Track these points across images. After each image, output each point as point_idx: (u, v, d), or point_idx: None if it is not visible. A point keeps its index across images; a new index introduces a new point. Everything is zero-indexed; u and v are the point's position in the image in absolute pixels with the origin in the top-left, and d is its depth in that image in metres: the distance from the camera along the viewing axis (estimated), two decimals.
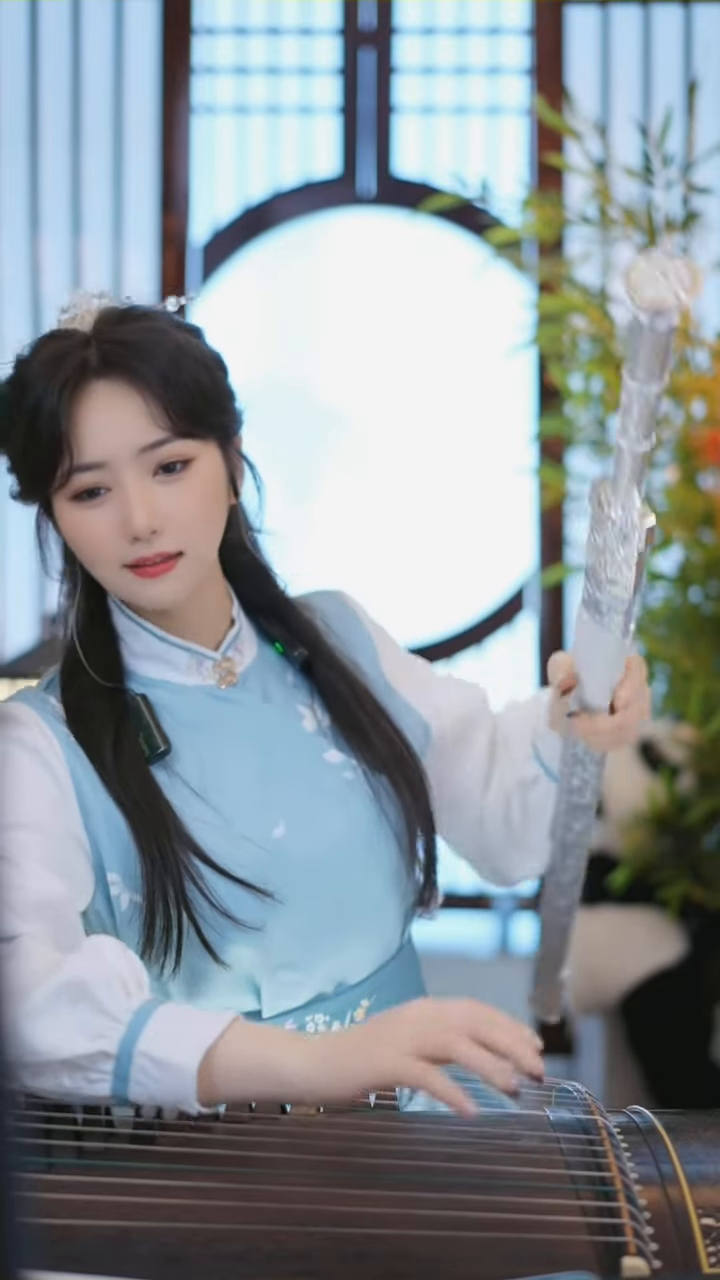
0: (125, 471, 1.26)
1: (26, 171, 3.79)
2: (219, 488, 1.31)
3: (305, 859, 1.31)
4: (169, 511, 1.27)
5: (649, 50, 3.72)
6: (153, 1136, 1.11)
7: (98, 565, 1.29)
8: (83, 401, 1.25)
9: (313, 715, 1.39)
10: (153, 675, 1.36)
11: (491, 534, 3.99)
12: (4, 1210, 0.61)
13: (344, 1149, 1.07)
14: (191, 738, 1.33)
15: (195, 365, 1.28)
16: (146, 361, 1.25)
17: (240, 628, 1.39)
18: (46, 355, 1.27)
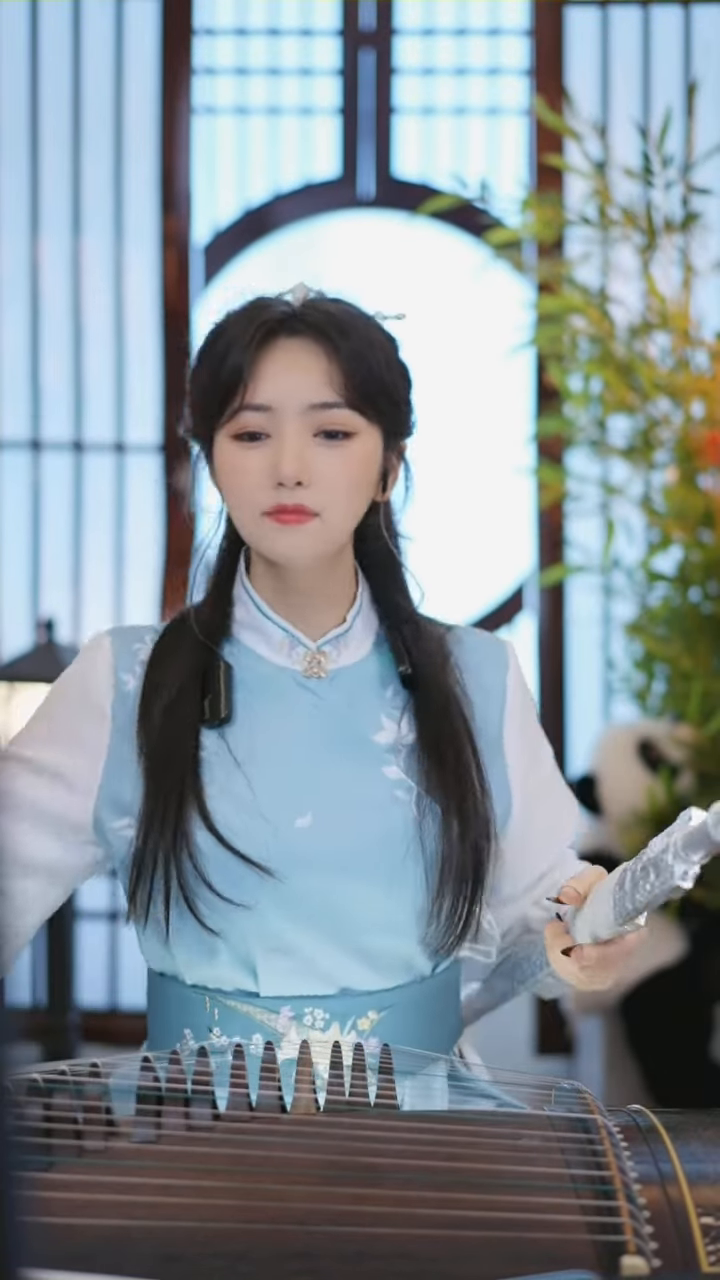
0: (289, 421, 1.32)
1: (26, 171, 3.79)
2: (370, 472, 1.37)
3: (321, 853, 1.33)
4: (318, 471, 1.32)
5: (649, 51, 3.72)
6: (153, 1136, 1.11)
7: (240, 506, 1.35)
8: (271, 351, 1.33)
9: (396, 728, 1.40)
10: (249, 645, 1.41)
11: (490, 534, 3.99)
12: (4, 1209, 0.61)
13: (344, 1148, 1.07)
14: (256, 711, 1.38)
15: (382, 358, 1.36)
16: (340, 333, 1.34)
17: (350, 628, 1.42)
18: (250, 307, 1.37)
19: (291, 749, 1.37)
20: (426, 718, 1.40)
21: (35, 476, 3.75)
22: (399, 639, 1.43)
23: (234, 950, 1.33)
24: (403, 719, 1.41)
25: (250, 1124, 1.12)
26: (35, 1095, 1.14)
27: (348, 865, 1.33)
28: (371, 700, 1.41)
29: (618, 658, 3.44)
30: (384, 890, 1.34)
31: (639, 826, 2.99)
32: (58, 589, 3.81)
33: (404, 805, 1.36)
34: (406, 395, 1.40)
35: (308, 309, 1.35)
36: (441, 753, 1.38)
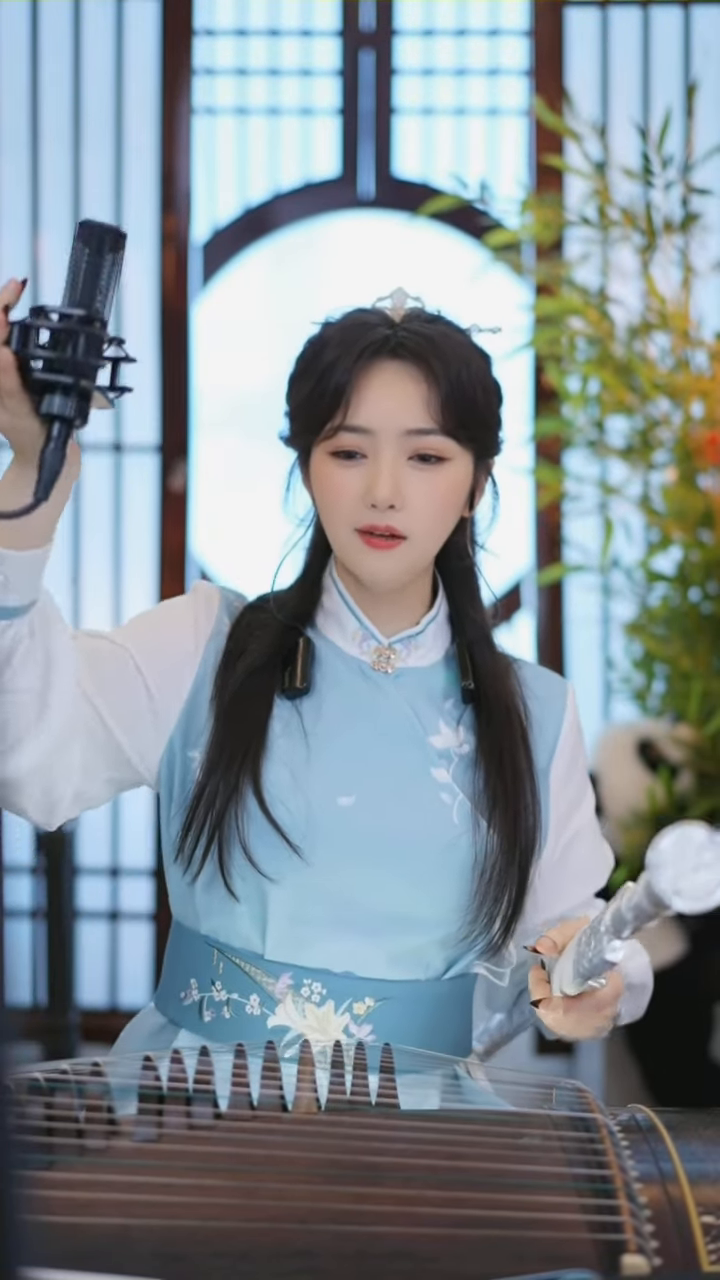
0: (386, 445, 1.36)
1: (26, 171, 3.79)
2: (460, 494, 1.42)
3: (355, 834, 1.36)
4: (410, 495, 1.36)
5: (648, 51, 3.72)
6: (154, 1135, 1.11)
7: (333, 521, 1.39)
8: (372, 372, 1.36)
9: (453, 735, 1.43)
10: (325, 631, 1.45)
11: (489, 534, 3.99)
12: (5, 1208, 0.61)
13: (345, 1147, 1.07)
14: (324, 692, 1.42)
15: (478, 381, 1.40)
16: (440, 359, 1.37)
17: (421, 631, 1.45)
18: (352, 324, 1.40)
19: (349, 730, 1.40)
20: (488, 728, 1.43)
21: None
22: (467, 653, 1.46)
23: (251, 910, 1.36)
24: (460, 729, 1.44)
25: (251, 1123, 1.12)
26: (36, 1094, 1.14)
27: (378, 851, 1.36)
28: (431, 705, 1.44)
29: (617, 658, 3.44)
30: (411, 882, 1.36)
31: (639, 826, 2.99)
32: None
33: (446, 808, 1.39)
34: (498, 415, 1.45)
35: (407, 329, 1.38)
36: (500, 764, 1.41)
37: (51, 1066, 1.16)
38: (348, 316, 1.41)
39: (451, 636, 1.48)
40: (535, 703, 1.48)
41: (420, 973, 1.39)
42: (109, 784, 1.40)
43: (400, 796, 1.38)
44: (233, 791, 1.36)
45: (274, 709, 1.40)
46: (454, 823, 1.38)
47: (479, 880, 1.38)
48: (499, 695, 1.45)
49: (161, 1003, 1.44)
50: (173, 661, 1.41)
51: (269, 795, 1.36)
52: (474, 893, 1.38)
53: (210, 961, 1.39)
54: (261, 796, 1.35)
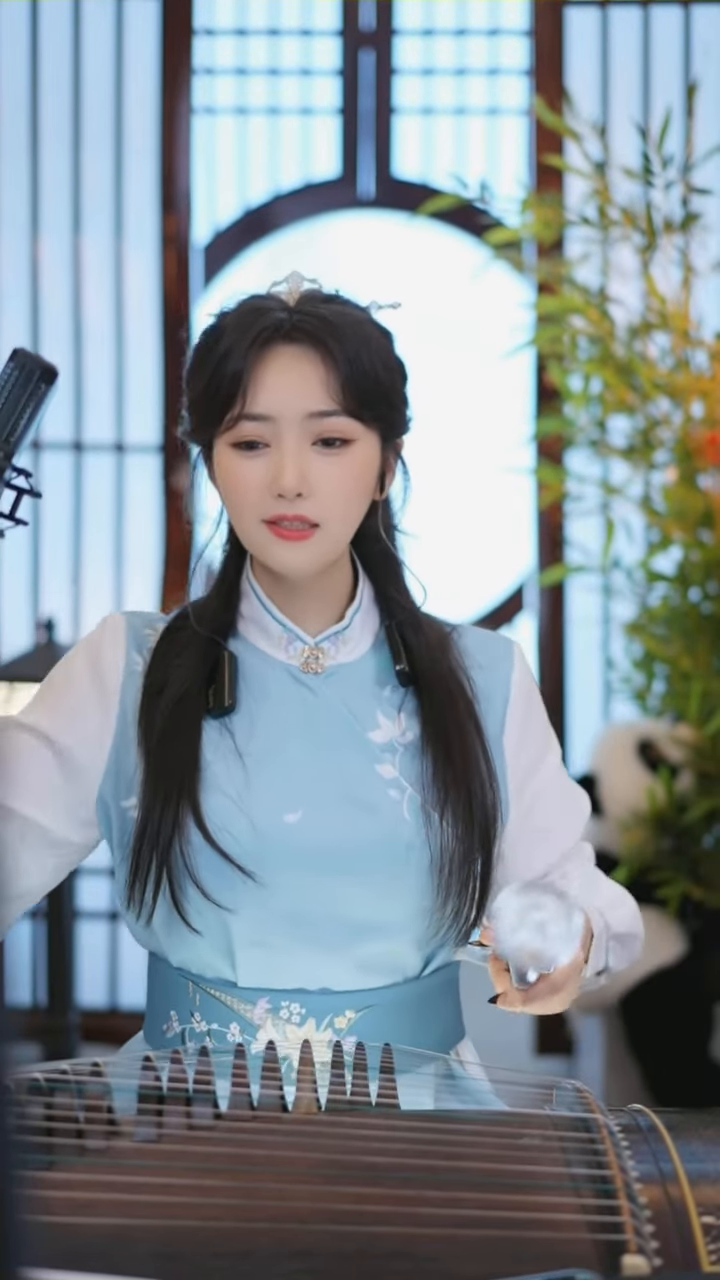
0: (288, 431, 1.32)
1: (26, 171, 3.79)
2: (369, 476, 1.37)
3: (306, 850, 1.32)
4: (318, 481, 1.32)
5: (649, 51, 3.72)
6: (154, 1135, 1.11)
7: (241, 514, 1.35)
8: (268, 358, 1.32)
9: (394, 727, 1.39)
10: (249, 639, 1.42)
11: (490, 534, 3.99)
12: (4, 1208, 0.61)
13: (345, 1147, 1.07)
14: (256, 704, 1.38)
15: (379, 359, 1.35)
16: (337, 339, 1.32)
17: (348, 625, 1.41)
18: (246, 310, 1.35)
19: (285, 743, 1.36)
20: (430, 714, 1.39)
21: (35, 476, 3.75)
22: (397, 637, 1.42)
23: (215, 942, 1.33)
24: (401, 716, 1.40)
25: (251, 1123, 1.12)
26: (36, 1094, 1.14)
27: (333, 863, 1.32)
28: (368, 698, 1.40)
29: (618, 658, 3.44)
30: (372, 890, 1.33)
31: (639, 827, 2.99)
32: (58, 589, 3.81)
33: (395, 805, 1.35)
34: (403, 393, 1.39)
35: (304, 312, 1.34)
36: (447, 748, 1.37)
37: (51, 1067, 1.16)
38: (242, 304, 1.37)
39: (380, 620, 1.44)
40: (479, 672, 1.43)
41: (397, 976, 1.36)
42: (55, 870, 1.40)
43: (347, 803, 1.35)
44: (174, 827, 1.32)
45: (204, 733, 1.36)
46: (406, 819, 1.35)
47: (439, 876, 1.34)
48: (437, 676, 1.41)
49: (148, 1036, 1.42)
50: (87, 729, 1.38)
51: (212, 825, 1.32)
52: (437, 889, 1.34)
53: (186, 993, 1.36)
54: (205, 827, 1.32)
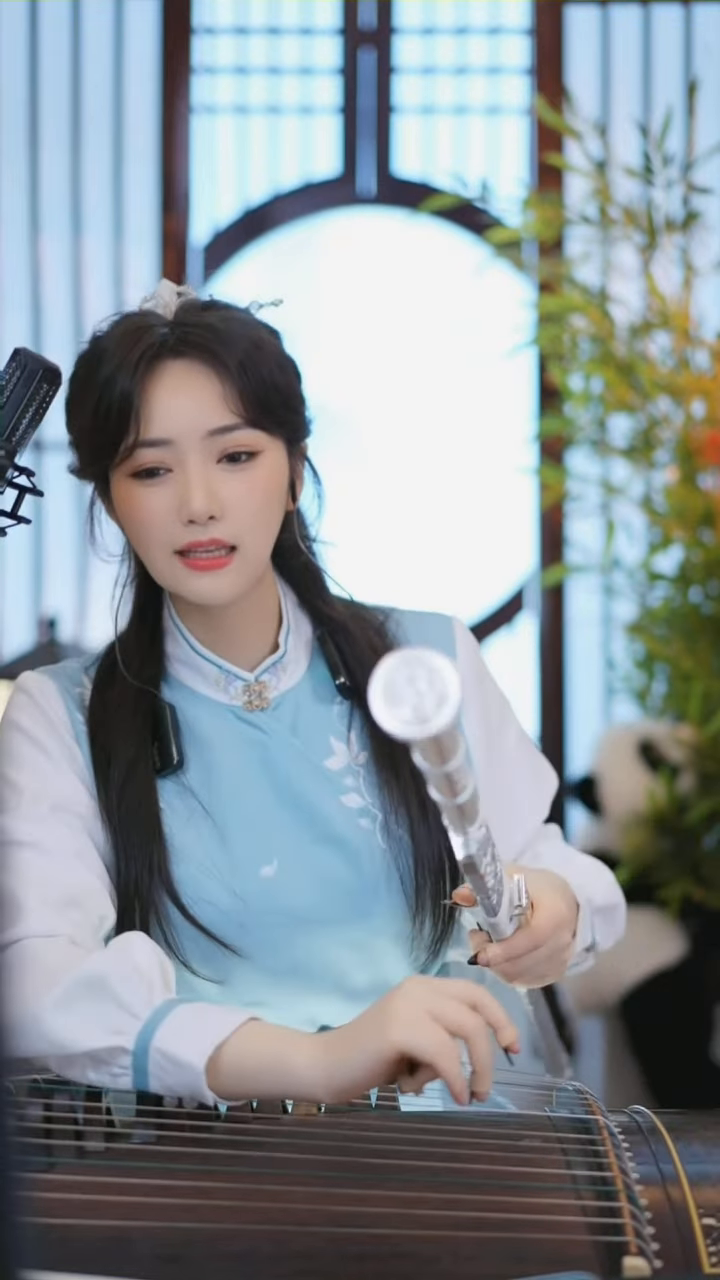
0: (190, 453, 1.24)
1: (26, 171, 3.79)
2: (280, 487, 1.29)
3: (288, 903, 1.27)
4: (228, 500, 1.24)
5: (649, 50, 3.72)
6: (154, 1136, 1.10)
7: (150, 548, 1.27)
8: (157, 378, 1.24)
9: (346, 749, 1.34)
10: (185, 683, 1.34)
11: (491, 534, 3.98)
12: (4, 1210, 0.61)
13: (345, 1148, 1.07)
14: (207, 755, 1.31)
15: (272, 361, 1.27)
16: (226, 346, 1.24)
17: (284, 653, 1.34)
18: (124, 330, 1.27)
19: (245, 793, 1.30)
20: (376, 730, 1.29)
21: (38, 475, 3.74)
22: (331, 648, 1.35)
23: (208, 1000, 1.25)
24: (351, 735, 1.34)
25: (251, 1124, 1.11)
26: (36, 1096, 1.14)
27: (318, 910, 1.28)
28: (317, 723, 1.34)
29: (618, 658, 3.44)
30: (358, 927, 1.30)
31: (640, 827, 2.99)
32: (59, 588, 3.80)
33: (369, 834, 1.30)
34: (300, 394, 1.31)
35: (186, 324, 1.26)
36: (396, 766, 1.31)
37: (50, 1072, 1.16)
38: (116, 324, 1.28)
39: (311, 631, 1.37)
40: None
41: None
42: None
43: (321, 843, 1.29)
44: (151, 907, 1.25)
45: (162, 797, 1.28)
46: (382, 847, 1.30)
47: (419, 888, 1.30)
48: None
49: None
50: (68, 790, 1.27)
51: (188, 898, 1.25)
52: (413, 909, 1.30)
53: None
54: (181, 905, 1.25)
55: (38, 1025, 1.11)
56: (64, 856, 1.23)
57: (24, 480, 1.22)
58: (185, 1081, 1.08)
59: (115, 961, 1.12)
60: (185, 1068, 1.08)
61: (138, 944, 1.14)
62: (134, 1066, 1.09)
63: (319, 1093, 1.07)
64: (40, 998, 1.11)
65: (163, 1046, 1.08)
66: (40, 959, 1.15)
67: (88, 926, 1.21)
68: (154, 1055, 1.08)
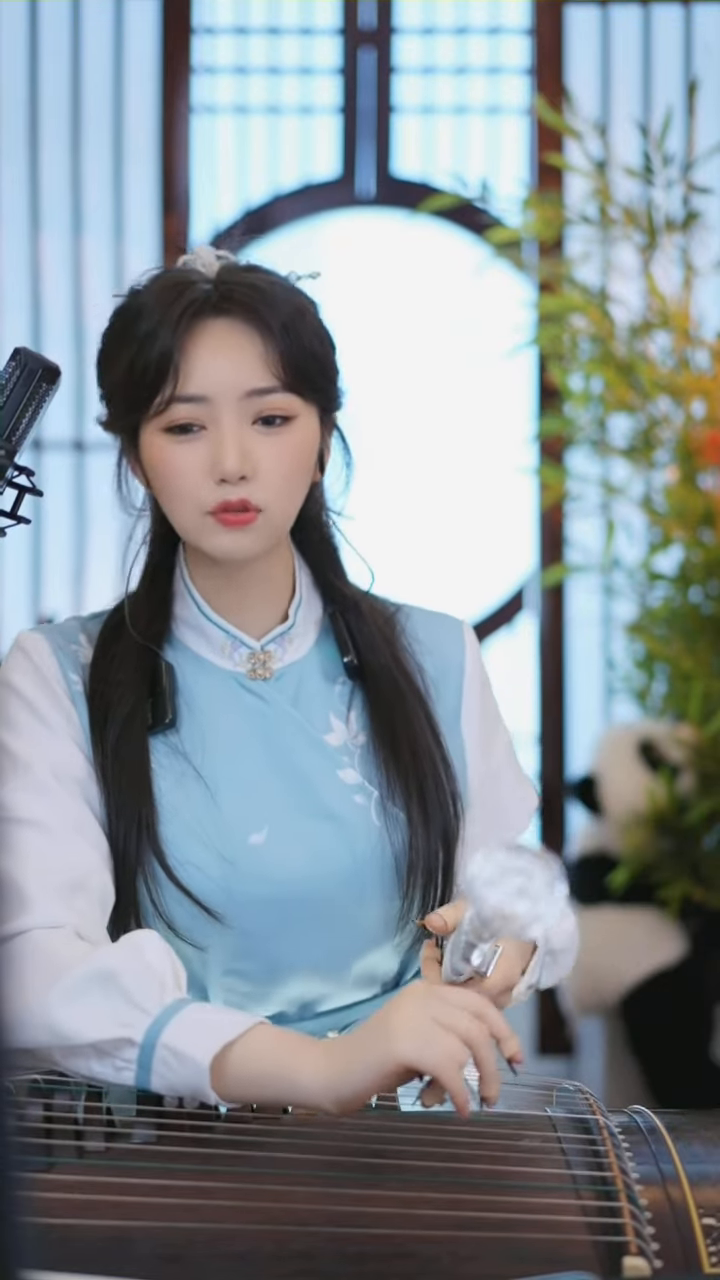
0: (226, 411, 1.23)
1: (26, 171, 3.79)
2: (310, 454, 1.28)
3: (275, 873, 1.26)
4: (260, 461, 1.24)
5: (649, 50, 3.72)
6: (154, 1136, 1.10)
7: (178, 504, 1.26)
8: (198, 334, 1.23)
9: (345, 728, 1.33)
10: (189, 646, 1.33)
11: (491, 534, 3.98)
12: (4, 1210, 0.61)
13: (345, 1149, 1.07)
14: (203, 718, 1.30)
15: (313, 329, 1.27)
16: (270, 307, 1.23)
17: (293, 624, 1.34)
18: (165, 285, 1.25)
19: (241, 760, 1.29)
20: (378, 711, 1.32)
21: (37, 475, 3.74)
22: (342, 625, 1.35)
23: (191, 974, 1.26)
24: (351, 715, 1.33)
25: (251, 1124, 1.11)
26: (36, 1096, 1.14)
27: (305, 883, 1.27)
28: (318, 699, 1.33)
29: (618, 658, 3.44)
30: (346, 904, 1.29)
31: (639, 827, 2.99)
32: (59, 587, 3.80)
33: (363, 810, 1.30)
34: (336, 365, 1.30)
35: (231, 282, 1.24)
36: (396, 748, 1.31)
37: (50, 1068, 1.16)
38: (157, 279, 1.26)
39: (322, 608, 1.37)
40: (429, 658, 1.37)
41: (376, 988, 1.33)
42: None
43: (313, 815, 1.28)
44: (138, 865, 1.24)
45: (155, 758, 1.27)
46: (375, 823, 1.29)
47: (403, 877, 1.29)
48: (383, 667, 1.34)
49: None
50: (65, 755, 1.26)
51: (174, 859, 1.24)
52: (402, 892, 1.29)
53: None
54: (167, 865, 1.24)
55: (44, 1015, 1.10)
56: (66, 833, 1.22)
57: (23, 480, 1.22)
58: (188, 1079, 1.08)
59: (127, 957, 1.12)
60: (191, 1064, 1.07)
61: (150, 943, 1.14)
62: (139, 1061, 1.09)
63: (322, 1103, 1.07)
64: (47, 990, 1.11)
65: (170, 1042, 1.08)
66: (46, 952, 1.15)
67: (93, 913, 1.21)
68: (160, 1051, 1.08)
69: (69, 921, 1.18)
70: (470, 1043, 1.05)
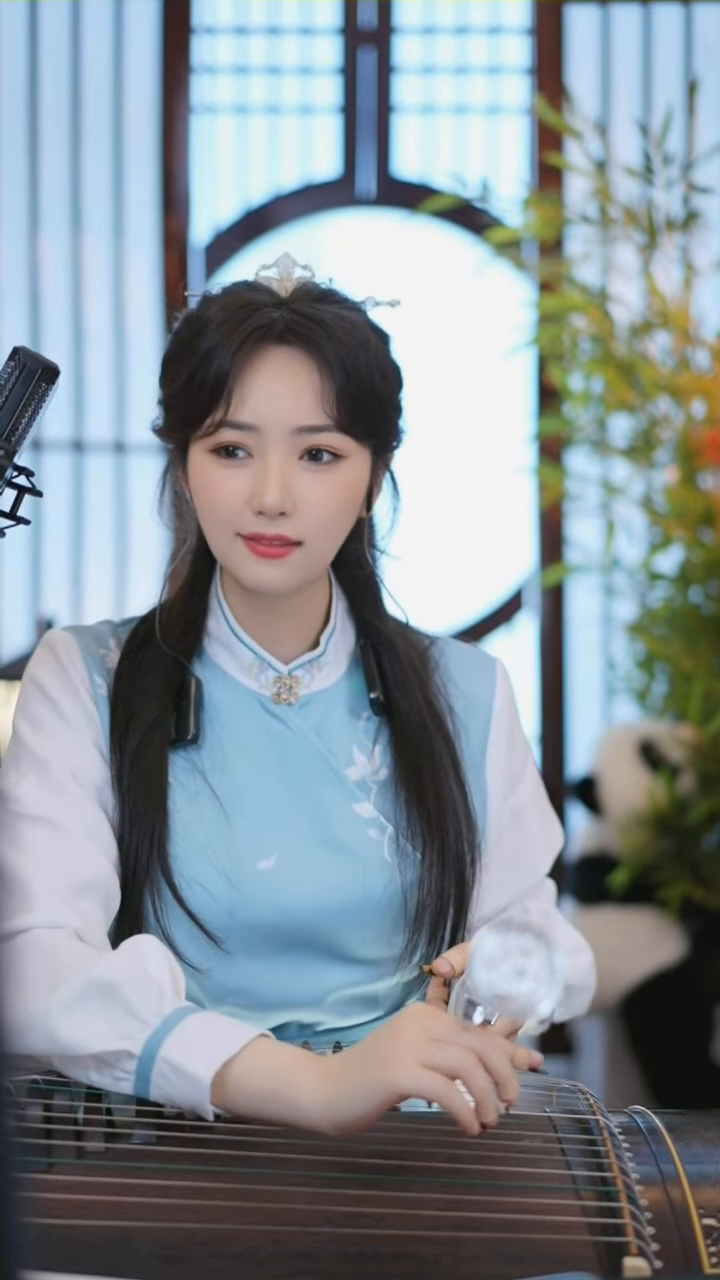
0: (275, 444, 1.22)
1: (26, 171, 3.79)
2: (357, 495, 1.27)
3: (282, 900, 1.26)
4: (303, 499, 1.22)
5: (649, 50, 3.72)
6: (154, 1137, 1.10)
7: (215, 527, 1.25)
8: (257, 360, 1.21)
9: (368, 762, 1.32)
10: (218, 663, 1.32)
11: (491, 534, 3.98)
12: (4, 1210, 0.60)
13: (345, 1149, 1.07)
14: (225, 738, 1.29)
15: (375, 365, 1.24)
16: (332, 342, 1.21)
17: (323, 652, 1.33)
18: (234, 303, 1.24)
19: (258, 783, 1.28)
20: (404, 751, 1.31)
21: (36, 475, 3.74)
22: (372, 660, 1.34)
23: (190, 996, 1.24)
24: (375, 750, 1.32)
25: (251, 1124, 1.11)
26: (36, 1096, 1.13)
27: (310, 913, 1.26)
28: (343, 730, 1.32)
29: (618, 658, 3.44)
30: (349, 937, 1.28)
31: (639, 827, 2.99)
32: (58, 589, 3.80)
33: (376, 846, 1.29)
34: (398, 402, 1.29)
35: (297, 311, 1.23)
36: (421, 791, 1.30)
37: (50, 1069, 1.16)
38: (230, 293, 1.25)
39: (355, 639, 1.36)
40: (460, 698, 1.36)
41: (379, 1010, 1.32)
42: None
43: (324, 846, 1.27)
44: (146, 880, 1.23)
45: (173, 773, 1.27)
46: (387, 860, 1.28)
47: (419, 911, 1.28)
48: (413, 707, 1.32)
49: None
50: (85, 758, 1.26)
51: (181, 878, 1.24)
52: (407, 932, 1.28)
53: None
54: (174, 883, 1.23)
55: (45, 1025, 1.10)
56: (77, 834, 1.22)
57: (23, 480, 1.21)
58: (187, 1095, 1.08)
59: (126, 966, 1.11)
60: (190, 1080, 1.07)
61: (150, 949, 1.13)
62: (137, 1073, 1.08)
63: (321, 1125, 1.05)
64: (48, 997, 1.11)
65: (170, 1057, 1.07)
66: (47, 952, 1.14)
67: (95, 916, 1.20)
68: (160, 1064, 1.08)
69: (70, 922, 1.18)
70: (466, 1081, 1.03)
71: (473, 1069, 1.03)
